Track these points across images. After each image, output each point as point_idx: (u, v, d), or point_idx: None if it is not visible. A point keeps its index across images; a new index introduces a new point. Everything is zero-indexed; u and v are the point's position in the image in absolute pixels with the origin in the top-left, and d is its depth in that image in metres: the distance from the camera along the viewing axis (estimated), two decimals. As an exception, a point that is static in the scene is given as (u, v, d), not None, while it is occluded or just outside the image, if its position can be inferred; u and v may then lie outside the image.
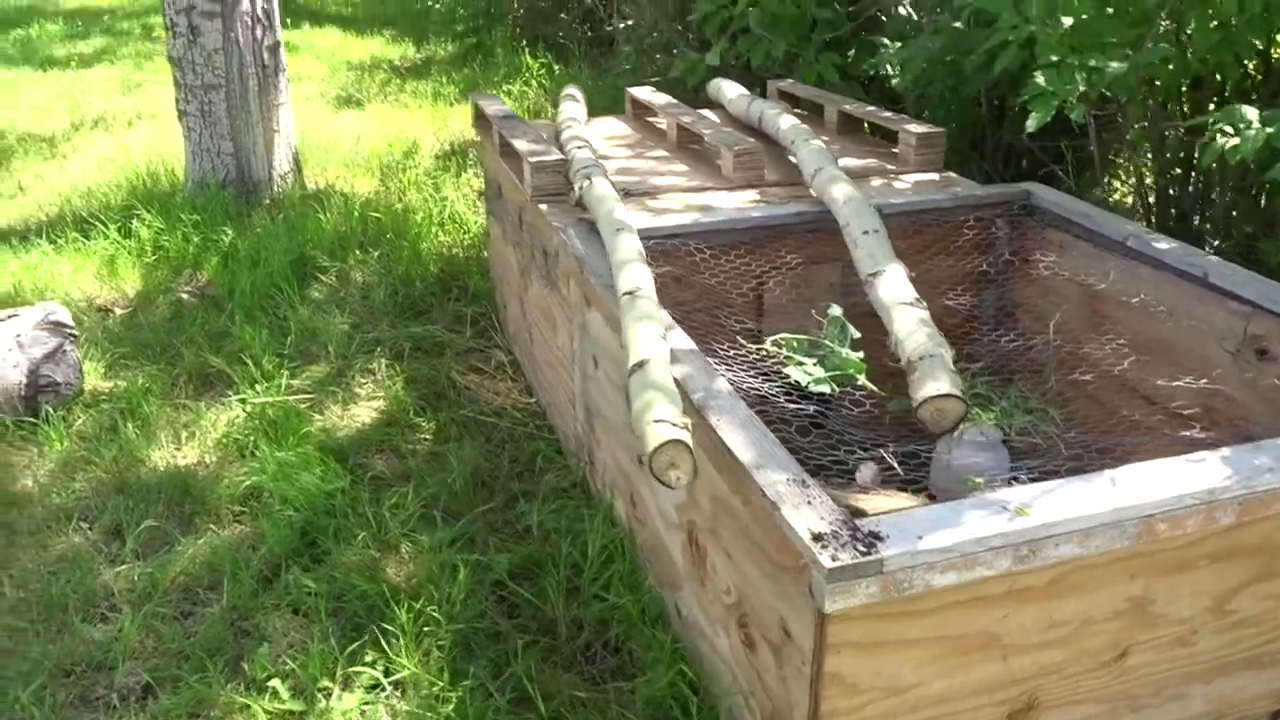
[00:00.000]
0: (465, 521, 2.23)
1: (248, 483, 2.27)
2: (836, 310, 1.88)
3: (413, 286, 3.43)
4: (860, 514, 1.30)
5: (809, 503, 1.29)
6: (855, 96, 3.73)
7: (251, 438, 2.47)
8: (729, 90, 3.35)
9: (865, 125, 3.20)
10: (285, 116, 4.09)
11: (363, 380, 2.88)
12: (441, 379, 2.90)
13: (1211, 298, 1.96)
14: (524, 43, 7.04)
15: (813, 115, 3.26)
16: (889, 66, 4.04)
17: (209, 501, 2.25)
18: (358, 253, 3.62)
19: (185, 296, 3.31)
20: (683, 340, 1.71)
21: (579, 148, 2.58)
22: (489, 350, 3.15)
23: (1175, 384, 1.81)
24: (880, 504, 1.41)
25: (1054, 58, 2.37)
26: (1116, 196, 3.40)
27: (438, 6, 8.40)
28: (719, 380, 1.59)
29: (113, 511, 2.23)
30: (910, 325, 1.76)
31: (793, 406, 1.68)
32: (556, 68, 6.53)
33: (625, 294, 1.73)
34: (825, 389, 1.76)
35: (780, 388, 1.75)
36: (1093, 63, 2.34)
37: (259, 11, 3.81)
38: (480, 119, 3.22)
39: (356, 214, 3.85)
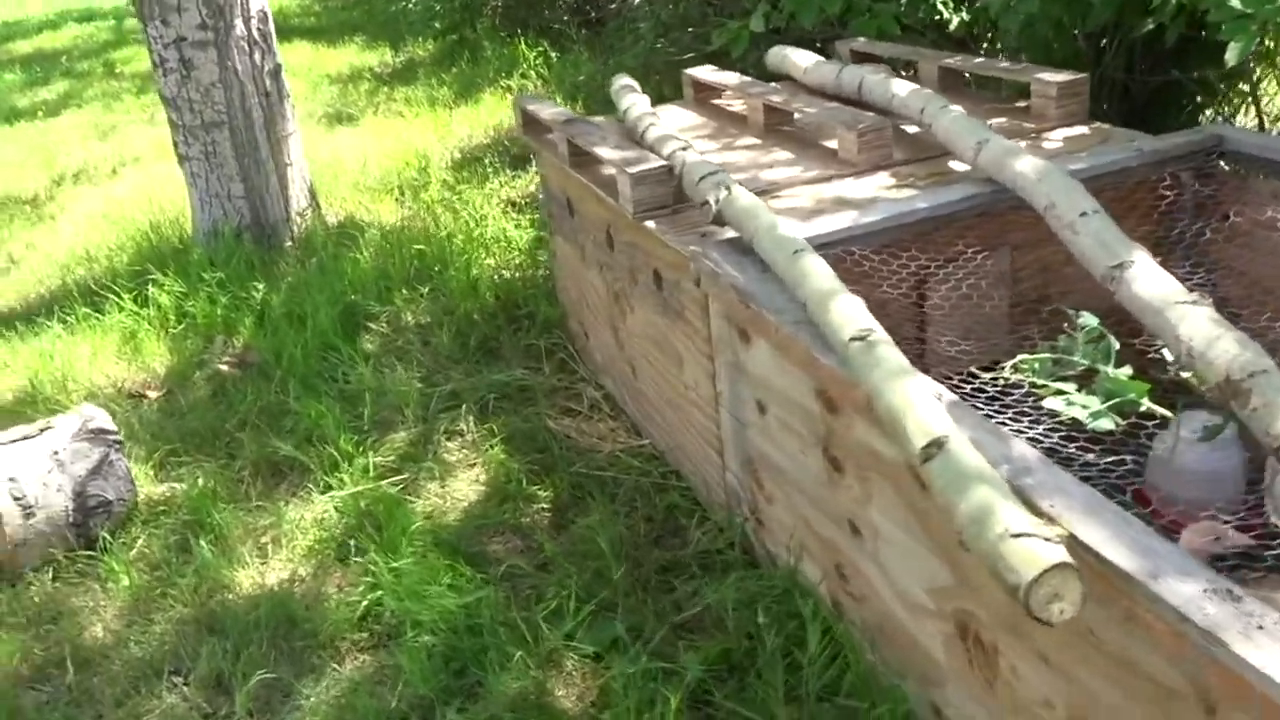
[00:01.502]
0: (627, 613, 1.87)
1: (365, 603, 1.89)
2: (1091, 319, 1.51)
3: (474, 324, 3.05)
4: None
5: (1260, 627, 0.93)
6: (918, 47, 3.36)
7: (351, 539, 2.10)
8: (801, 59, 2.96)
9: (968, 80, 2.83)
10: (295, 147, 3.68)
11: (451, 445, 2.50)
12: (539, 431, 2.52)
13: None
14: (515, 32, 6.61)
15: (901, 75, 2.87)
16: (943, 9, 3.66)
17: (322, 632, 1.88)
18: (404, 291, 3.23)
19: (224, 368, 2.92)
20: (928, 385, 1.34)
21: (682, 149, 2.19)
22: (575, 386, 2.78)
23: None
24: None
25: (1242, -26, 1.99)
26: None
27: (413, 5, 7.93)
28: (1016, 443, 1.23)
29: (209, 658, 1.86)
30: (1209, 331, 1.39)
31: (1096, 460, 1.31)
32: (553, 55, 6.12)
33: (855, 339, 1.36)
34: (1108, 424, 1.39)
35: (1056, 430, 1.38)
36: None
37: (255, 34, 3.39)
38: (532, 125, 2.82)
39: (390, 247, 3.46)
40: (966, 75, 2.80)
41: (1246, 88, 2.99)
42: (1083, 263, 1.69)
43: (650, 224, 2.12)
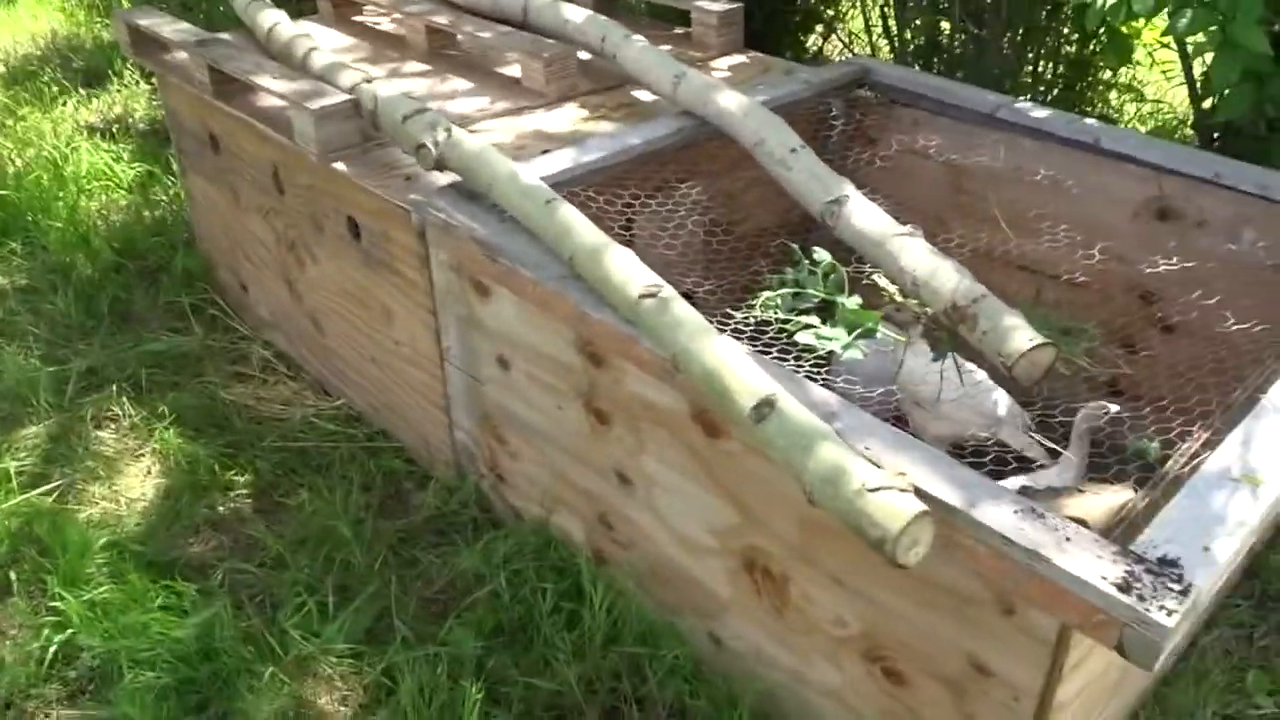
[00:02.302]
0: (378, 598, 1.73)
1: (53, 647, 1.55)
2: (824, 253, 1.61)
3: (96, 283, 2.57)
4: (1083, 525, 1.10)
5: (1068, 539, 1.06)
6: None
7: (7, 571, 1.70)
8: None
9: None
10: None
11: (105, 436, 2.11)
12: (214, 405, 2.21)
13: (1111, 165, 1.95)
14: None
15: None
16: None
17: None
18: (-14, 249, 2.63)
19: None
20: (733, 342, 1.35)
21: (365, 81, 1.97)
22: (239, 346, 2.47)
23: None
24: (1088, 503, 1.23)
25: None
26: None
27: None
28: (813, 388, 1.28)
29: None
30: (929, 262, 1.55)
31: (868, 391, 1.41)
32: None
33: (645, 297, 1.32)
34: (857, 354, 1.50)
35: (820, 366, 1.47)
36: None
37: None
38: (145, 44, 2.39)
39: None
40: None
41: (854, 16, 3.33)
42: (796, 197, 1.79)
43: (341, 166, 1.90)
